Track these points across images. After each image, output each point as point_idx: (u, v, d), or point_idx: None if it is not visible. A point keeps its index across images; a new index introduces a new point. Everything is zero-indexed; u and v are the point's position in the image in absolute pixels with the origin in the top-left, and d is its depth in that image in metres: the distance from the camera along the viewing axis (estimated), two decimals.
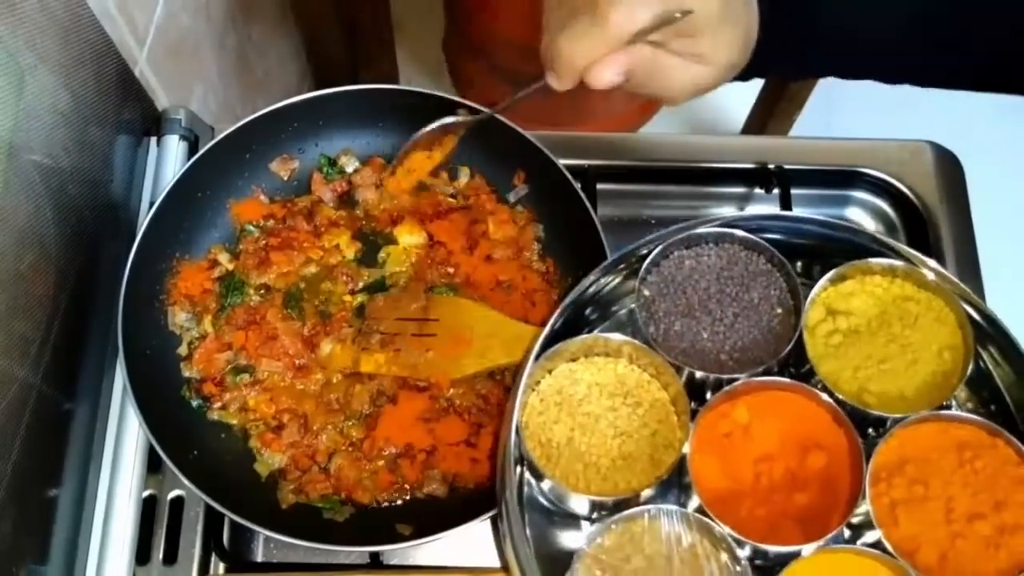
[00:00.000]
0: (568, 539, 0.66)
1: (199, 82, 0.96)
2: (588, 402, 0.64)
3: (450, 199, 0.80)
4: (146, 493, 0.70)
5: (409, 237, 0.78)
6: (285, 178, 0.81)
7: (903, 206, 0.84)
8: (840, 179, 0.85)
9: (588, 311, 0.71)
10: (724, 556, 0.57)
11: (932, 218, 0.81)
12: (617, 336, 0.64)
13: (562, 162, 0.75)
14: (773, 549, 0.55)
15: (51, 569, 0.63)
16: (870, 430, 0.61)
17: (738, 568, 0.56)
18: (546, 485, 0.64)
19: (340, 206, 0.80)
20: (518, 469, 0.64)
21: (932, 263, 0.64)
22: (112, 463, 0.69)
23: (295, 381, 0.73)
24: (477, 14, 1.44)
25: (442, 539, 0.63)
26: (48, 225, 0.63)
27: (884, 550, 0.53)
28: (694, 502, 0.59)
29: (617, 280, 0.70)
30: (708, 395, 0.63)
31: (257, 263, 0.77)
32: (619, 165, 0.84)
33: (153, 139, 0.82)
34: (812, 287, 0.65)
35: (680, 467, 0.61)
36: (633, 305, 0.66)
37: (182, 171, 0.74)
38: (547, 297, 0.76)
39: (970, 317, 0.62)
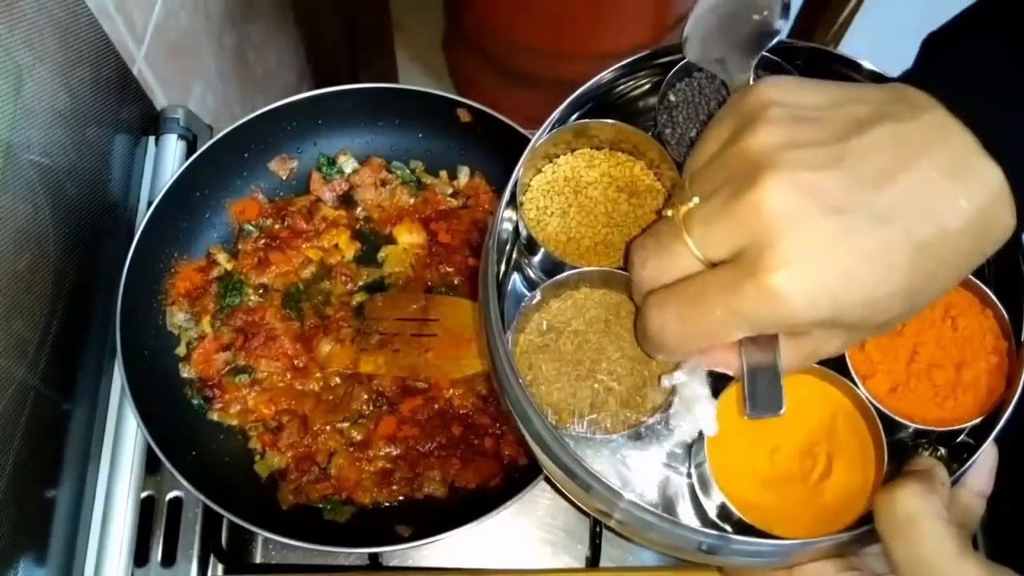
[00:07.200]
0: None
1: (198, 81, 0.96)
2: (595, 188, 0.61)
3: (450, 199, 0.80)
4: (144, 494, 0.70)
5: (408, 237, 0.78)
6: (284, 178, 0.81)
7: None
8: None
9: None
10: None
11: None
12: (611, 121, 0.59)
13: None
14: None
15: (49, 570, 0.63)
16: None
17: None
18: (537, 257, 0.60)
19: (339, 206, 0.80)
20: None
21: None
22: (110, 464, 0.69)
23: (294, 382, 0.73)
24: (477, 13, 1.44)
25: (441, 540, 0.63)
26: (46, 225, 0.63)
27: (843, 369, 0.53)
28: None
29: (641, 90, 0.65)
30: None
31: (256, 263, 0.76)
32: None
33: (151, 138, 0.82)
34: None
35: None
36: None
37: (180, 170, 0.74)
38: None
39: None
